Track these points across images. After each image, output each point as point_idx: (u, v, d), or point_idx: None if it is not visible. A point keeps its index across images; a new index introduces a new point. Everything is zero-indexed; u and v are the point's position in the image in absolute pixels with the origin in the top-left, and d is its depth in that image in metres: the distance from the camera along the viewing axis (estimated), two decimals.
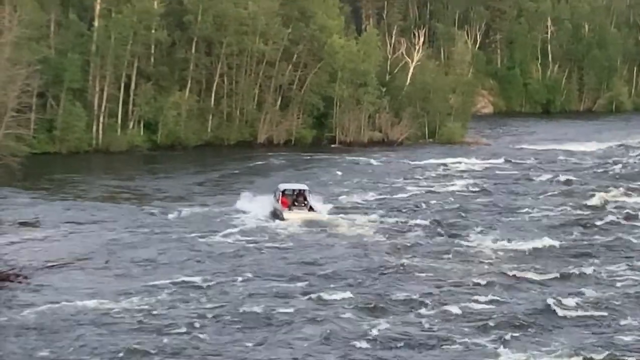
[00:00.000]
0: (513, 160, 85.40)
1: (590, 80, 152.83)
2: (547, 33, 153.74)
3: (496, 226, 54.41)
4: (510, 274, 43.24)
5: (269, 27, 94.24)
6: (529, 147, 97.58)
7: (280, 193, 57.66)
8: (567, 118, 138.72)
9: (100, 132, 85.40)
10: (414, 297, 38.93)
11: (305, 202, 57.32)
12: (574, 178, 73.08)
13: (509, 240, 49.88)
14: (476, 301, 38.48)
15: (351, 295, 38.88)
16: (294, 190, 58.90)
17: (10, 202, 58.12)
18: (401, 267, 44.03)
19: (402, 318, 36.36)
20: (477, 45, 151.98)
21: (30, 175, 62.82)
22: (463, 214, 58.17)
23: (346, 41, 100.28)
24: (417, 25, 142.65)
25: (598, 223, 55.05)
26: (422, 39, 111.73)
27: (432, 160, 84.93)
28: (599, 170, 79.35)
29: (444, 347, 33.43)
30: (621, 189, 67.06)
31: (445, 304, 37.97)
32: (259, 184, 68.21)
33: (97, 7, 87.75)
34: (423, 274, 42.92)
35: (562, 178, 72.93)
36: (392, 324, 35.54)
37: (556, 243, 49.25)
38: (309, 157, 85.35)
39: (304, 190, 58.84)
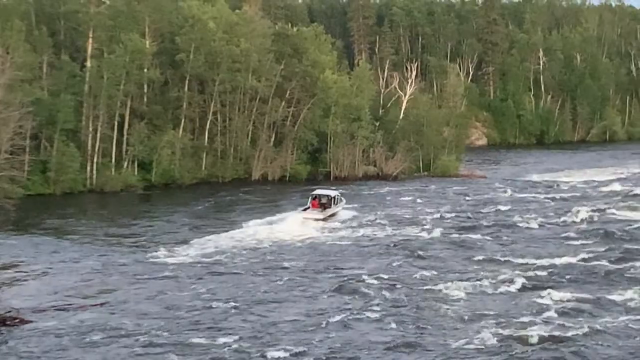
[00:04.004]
0: (507, 193, 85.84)
1: (584, 111, 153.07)
2: (539, 64, 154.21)
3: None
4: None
5: (261, 64, 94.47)
6: (524, 178, 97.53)
7: (311, 197, 70.75)
8: (561, 148, 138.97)
9: (95, 172, 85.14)
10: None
11: (331, 205, 70.40)
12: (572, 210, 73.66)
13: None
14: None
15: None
16: (322, 195, 71.83)
17: (4, 245, 57.68)
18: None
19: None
20: (470, 78, 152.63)
21: (25, 217, 62.60)
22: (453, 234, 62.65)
23: (339, 76, 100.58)
24: (409, 59, 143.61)
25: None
26: (414, 73, 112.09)
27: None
28: (597, 201, 79.72)
29: None
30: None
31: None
32: (255, 216, 69.27)
33: (89, 48, 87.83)
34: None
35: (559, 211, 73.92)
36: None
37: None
38: (302, 191, 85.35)
39: (332, 196, 71.75)
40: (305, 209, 70.35)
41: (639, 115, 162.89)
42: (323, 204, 70.58)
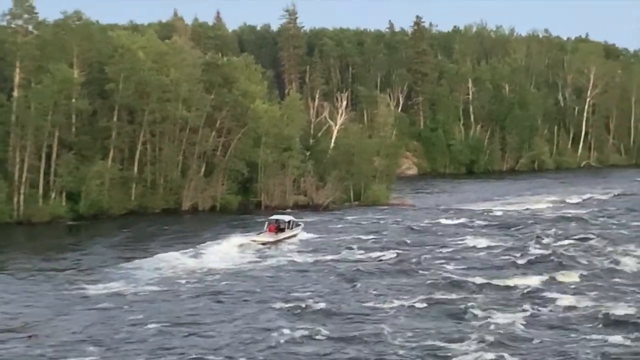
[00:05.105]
0: (436, 220, 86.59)
1: (513, 140, 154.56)
2: (468, 94, 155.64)
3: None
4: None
5: (191, 93, 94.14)
6: (453, 206, 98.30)
7: (268, 222, 74.48)
8: (490, 178, 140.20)
9: (22, 203, 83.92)
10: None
11: (285, 230, 74.39)
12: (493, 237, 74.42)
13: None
14: None
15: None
16: (278, 220, 75.81)
17: None
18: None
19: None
20: (400, 108, 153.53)
21: None
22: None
23: (269, 106, 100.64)
24: (340, 88, 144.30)
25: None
26: (344, 103, 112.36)
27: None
28: (528, 227, 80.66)
29: None
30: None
31: None
32: (181, 247, 69.05)
33: (17, 78, 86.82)
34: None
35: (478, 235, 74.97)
36: None
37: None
38: (232, 220, 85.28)
39: (287, 220, 76.18)
40: (259, 234, 73.13)
41: (567, 144, 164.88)
42: (281, 229, 74.34)
